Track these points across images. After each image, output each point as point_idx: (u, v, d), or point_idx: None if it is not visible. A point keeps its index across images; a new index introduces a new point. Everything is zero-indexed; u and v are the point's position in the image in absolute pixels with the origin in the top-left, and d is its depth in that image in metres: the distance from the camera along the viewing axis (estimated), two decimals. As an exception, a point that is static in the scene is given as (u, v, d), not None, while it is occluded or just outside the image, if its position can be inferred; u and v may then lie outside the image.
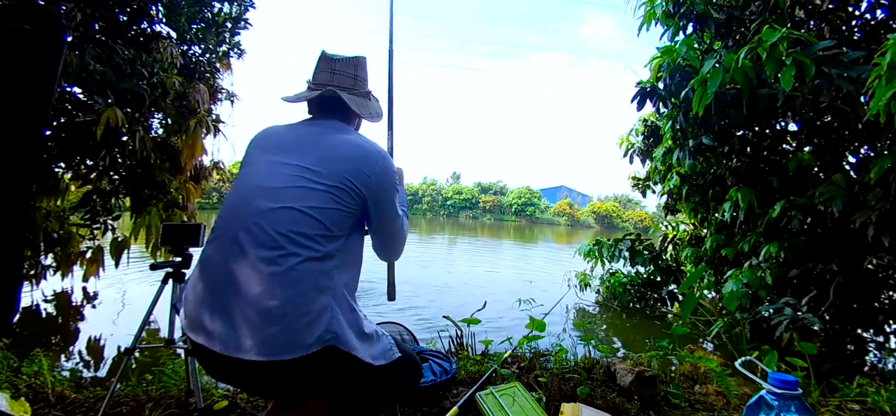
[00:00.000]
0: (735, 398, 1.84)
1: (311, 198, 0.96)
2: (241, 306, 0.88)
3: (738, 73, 2.84)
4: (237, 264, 0.91)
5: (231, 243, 0.93)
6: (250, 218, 0.94)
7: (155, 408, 1.60)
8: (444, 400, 1.68)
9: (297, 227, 0.93)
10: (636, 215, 42.58)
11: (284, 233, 0.91)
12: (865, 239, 2.74)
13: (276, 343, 0.86)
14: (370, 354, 0.99)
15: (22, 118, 0.97)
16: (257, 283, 0.88)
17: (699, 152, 3.99)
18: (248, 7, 4.67)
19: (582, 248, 5.83)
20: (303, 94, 1.17)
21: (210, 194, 30.24)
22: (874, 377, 2.12)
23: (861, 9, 3.38)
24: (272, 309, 0.87)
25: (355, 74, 1.18)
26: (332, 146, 1.05)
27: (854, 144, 3.56)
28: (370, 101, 1.24)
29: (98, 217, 3.90)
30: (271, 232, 0.91)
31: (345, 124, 1.15)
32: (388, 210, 1.11)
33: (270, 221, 0.93)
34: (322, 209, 0.96)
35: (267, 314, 0.87)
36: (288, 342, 0.87)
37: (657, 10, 3.87)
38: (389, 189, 1.09)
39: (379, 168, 1.05)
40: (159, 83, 3.60)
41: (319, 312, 0.91)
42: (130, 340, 1.61)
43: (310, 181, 0.98)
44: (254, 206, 0.96)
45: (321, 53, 1.19)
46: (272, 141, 1.09)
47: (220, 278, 0.92)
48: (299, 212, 0.94)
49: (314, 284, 0.91)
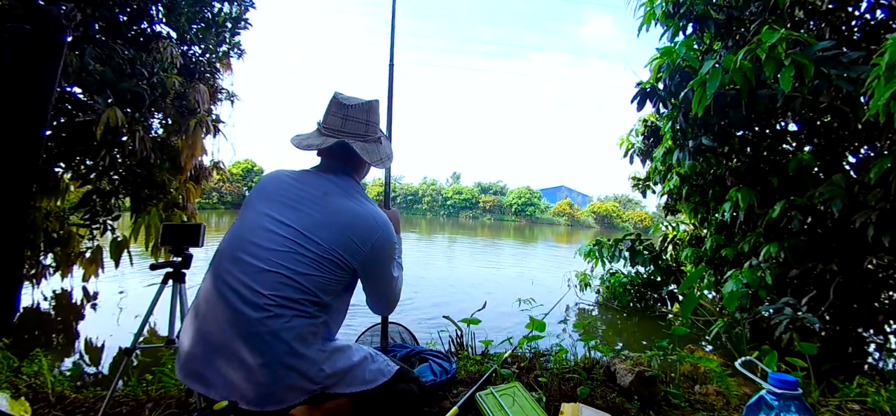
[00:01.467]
0: (735, 398, 1.85)
1: (301, 264, 0.97)
2: (230, 359, 0.91)
3: (737, 73, 2.84)
4: (226, 319, 0.93)
5: (221, 298, 0.96)
6: (240, 277, 0.96)
7: (155, 408, 1.60)
8: (444, 400, 1.68)
9: (284, 291, 0.94)
10: (636, 215, 42.57)
11: (271, 295, 0.93)
12: (865, 239, 2.74)
13: (263, 396, 0.90)
14: (364, 380, 1.02)
15: (22, 118, 0.97)
16: (243, 340, 0.91)
17: (699, 153, 3.99)
18: (248, 7, 4.67)
19: (582, 248, 5.83)
20: (314, 141, 1.15)
21: (210, 194, 30.22)
22: (874, 377, 2.12)
23: (861, 9, 3.38)
24: (257, 368, 0.90)
25: (367, 119, 1.16)
26: (330, 211, 1.04)
27: (854, 144, 3.56)
28: (381, 145, 1.22)
29: (98, 217, 3.91)
30: (259, 292, 0.93)
31: (352, 180, 1.15)
32: (380, 279, 1.12)
33: (259, 282, 0.94)
34: (310, 276, 0.97)
35: (252, 371, 0.90)
36: (275, 397, 0.91)
37: (657, 11, 3.87)
38: (382, 262, 1.09)
39: (373, 242, 1.05)
40: (159, 83, 3.60)
41: (305, 367, 0.94)
42: (130, 340, 1.61)
43: (301, 247, 0.98)
44: (245, 264, 0.97)
45: (333, 98, 1.16)
46: (275, 191, 1.09)
47: (211, 331, 0.95)
48: (288, 277, 0.95)
49: (300, 341, 0.94)
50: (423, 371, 1.77)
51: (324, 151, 1.16)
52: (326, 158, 1.17)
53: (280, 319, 0.92)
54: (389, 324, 2.23)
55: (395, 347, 2.03)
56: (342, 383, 0.99)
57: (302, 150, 1.15)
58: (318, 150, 1.16)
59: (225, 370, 0.92)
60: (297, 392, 0.93)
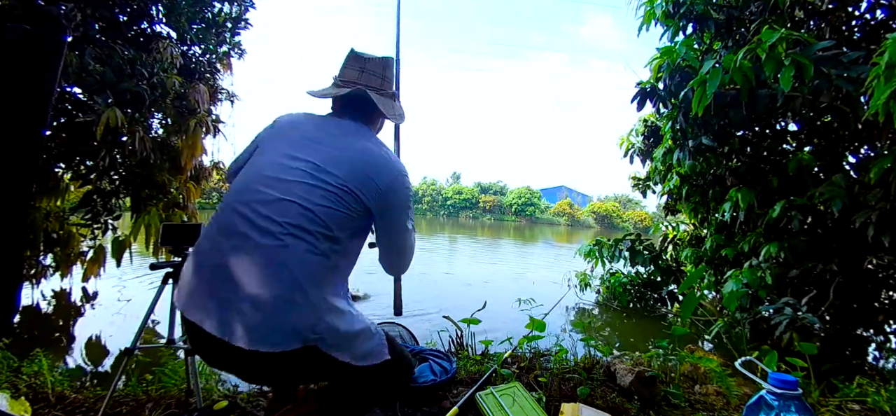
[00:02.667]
0: (735, 398, 1.84)
1: (315, 196, 0.94)
2: (234, 290, 0.87)
3: (737, 73, 2.84)
4: (235, 247, 0.90)
5: (231, 227, 0.93)
6: (253, 204, 0.93)
7: (155, 408, 1.60)
8: (444, 400, 1.68)
9: (298, 220, 0.91)
10: (636, 214, 42.56)
11: (284, 223, 0.90)
12: (865, 239, 2.74)
13: (259, 334, 0.85)
14: (355, 355, 0.97)
15: (22, 118, 0.97)
16: (252, 269, 0.88)
17: (699, 153, 3.99)
18: (248, 7, 4.68)
19: (582, 248, 5.83)
20: (330, 90, 1.14)
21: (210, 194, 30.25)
22: (874, 377, 2.12)
23: (861, 9, 3.38)
24: (260, 297, 0.86)
25: (383, 74, 1.17)
26: (346, 148, 1.03)
27: (854, 144, 3.56)
28: (395, 102, 1.21)
29: (98, 217, 3.91)
30: (272, 219, 0.91)
31: (367, 127, 1.13)
32: (395, 227, 1.08)
33: (273, 210, 0.92)
34: (326, 208, 0.94)
35: (255, 302, 0.86)
36: (270, 335, 0.86)
37: (657, 11, 3.87)
38: (398, 207, 1.06)
39: (390, 182, 1.03)
40: (159, 83, 3.60)
41: (307, 309, 0.89)
42: (130, 340, 1.61)
43: (317, 180, 0.96)
44: (258, 194, 0.95)
45: (350, 51, 1.17)
46: (290, 130, 1.07)
47: (218, 263, 0.91)
48: (302, 207, 0.93)
49: (307, 278, 0.90)
50: (423, 371, 1.77)
51: (339, 100, 1.15)
52: (342, 108, 1.15)
53: (291, 249, 0.89)
54: (389, 324, 2.23)
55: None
56: (335, 347, 0.94)
57: (319, 97, 1.14)
58: (334, 98, 1.15)
59: (222, 301, 0.87)
60: (289, 337, 0.87)
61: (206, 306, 0.89)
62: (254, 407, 1.62)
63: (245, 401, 1.65)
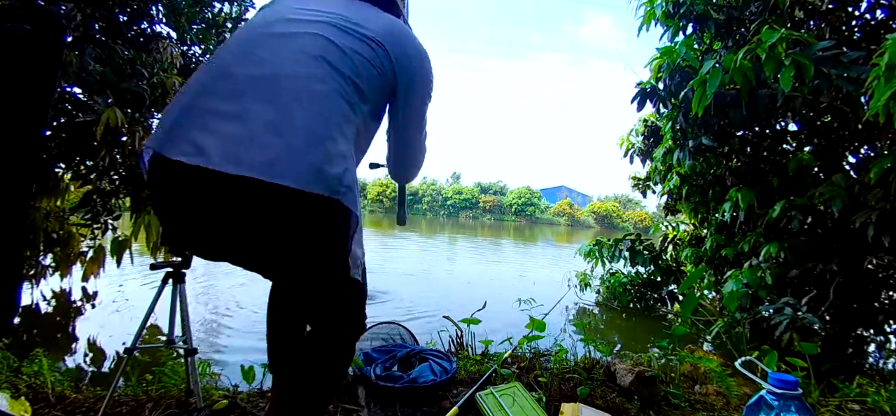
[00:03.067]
0: (735, 398, 1.84)
1: (347, 40, 0.81)
2: (252, 107, 0.70)
3: (737, 73, 2.84)
4: (255, 70, 0.74)
5: (248, 53, 0.77)
6: (277, 35, 0.79)
7: (155, 408, 1.60)
8: (444, 400, 1.68)
9: (331, 56, 0.78)
10: (636, 214, 42.59)
11: (316, 56, 0.76)
12: (865, 239, 2.74)
13: (280, 165, 0.67)
14: (352, 256, 0.82)
15: (22, 118, 0.97)
16: (277, 88, 0.72)
17: (699, 153, 3.99)
18: (248, 7, 4.67)
19: (582, 248, 5.83)
20: None
21: (210, 195, 30.27)
22: (874, 377, 2.12)
23: (861, 9, 3.38)
24: (284, 122, 0.69)
25: None
26: (375, 12, 0.91)
27: (854, 144, 3.56)
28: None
29: (98, 217, 3.91)
30: (302, 51, 0.76)
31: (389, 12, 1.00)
32: (413, 118, 0.97)
33: (300, 42, 0.78)
34: (358, 55, 0.81)
35: (275, 126, 0.69)
36: (293, 167, 0.67)
37: (657, 11, 3.87)
38: (422, 93, 0.95)
39: (420, 61, 0.92)
40: (159, 83, 3.60)
41: (339, 154, 0.73)
42: (130, 340, 1.61)
43: (350, 25, 0.83)
44: (281, 28, 0.80)
45: None
46: None
47: (227, 85, 0.74)
48: (335, 45, 0.79)
49: (343, 118, 0.75)
50: (423, 371, 1.77)
51: None
52: None
53: (324, 84, 0.74)
54: (388, 324, 2.22)
55: (395, 347, 2.03)
56: (348, 227, 0.79)
57: None
58: None
59: (226, 127, 0.69)
60: (315, 177, 0.68)
61: (201, 135, 0.69)
62: (254, 407, 1.62)
63: (245, 401, 1.65)
